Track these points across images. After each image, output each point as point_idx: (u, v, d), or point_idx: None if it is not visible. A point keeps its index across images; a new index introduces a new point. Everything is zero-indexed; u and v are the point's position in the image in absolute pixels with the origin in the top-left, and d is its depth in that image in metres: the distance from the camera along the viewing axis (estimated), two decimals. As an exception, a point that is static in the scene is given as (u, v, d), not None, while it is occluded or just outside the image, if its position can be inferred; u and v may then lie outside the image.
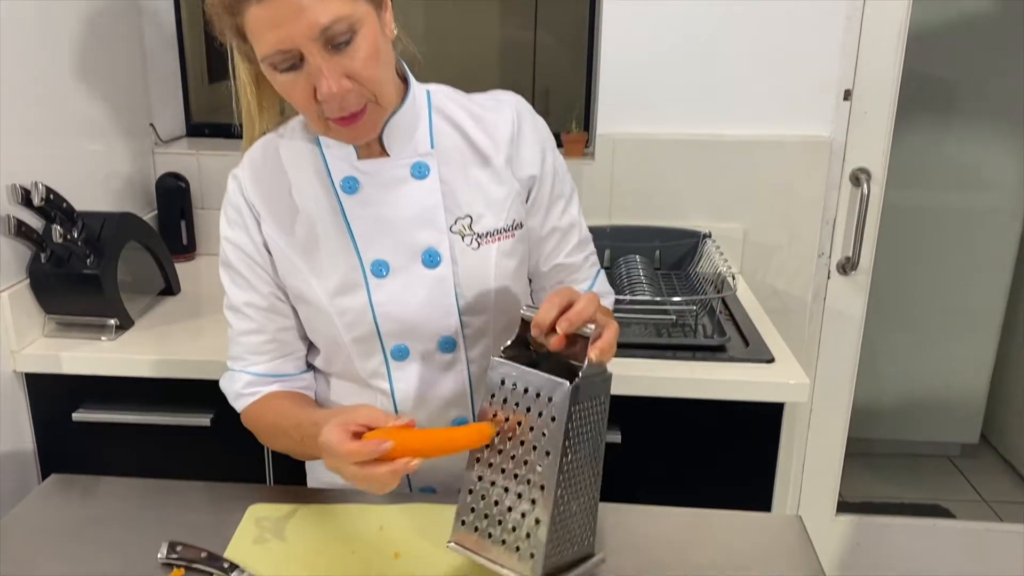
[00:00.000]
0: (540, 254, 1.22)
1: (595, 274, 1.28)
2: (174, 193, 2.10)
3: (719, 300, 1.84)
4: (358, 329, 1.13)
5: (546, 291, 1.26)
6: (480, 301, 1.15)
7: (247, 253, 1.15)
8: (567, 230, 1.22)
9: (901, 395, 2.94)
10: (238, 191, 1.15)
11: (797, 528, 1.15)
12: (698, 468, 1.65)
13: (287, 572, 1.04)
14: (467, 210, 1.13)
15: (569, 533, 0.97)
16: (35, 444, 1.70)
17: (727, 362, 1.62)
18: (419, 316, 1.13)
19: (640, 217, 2.12)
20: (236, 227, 1.15)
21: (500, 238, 1.14)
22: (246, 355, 1.19)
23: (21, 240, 1.60)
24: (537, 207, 1.19)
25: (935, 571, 2.39)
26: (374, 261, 1.12)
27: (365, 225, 1.12)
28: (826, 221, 2.12)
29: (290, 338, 1.19)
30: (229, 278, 1.18)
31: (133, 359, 1.62)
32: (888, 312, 2.73)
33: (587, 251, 1.27)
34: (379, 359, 1.16)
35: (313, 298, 1.13)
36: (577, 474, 0.96)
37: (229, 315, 1.19)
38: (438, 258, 1.12)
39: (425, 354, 1.16)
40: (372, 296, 1.12)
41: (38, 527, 1.15)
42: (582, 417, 0.95)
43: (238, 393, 1.20)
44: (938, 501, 2.75)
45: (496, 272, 1.15)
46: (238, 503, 1.17)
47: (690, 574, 0.92)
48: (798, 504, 2.32)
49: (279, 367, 1.19)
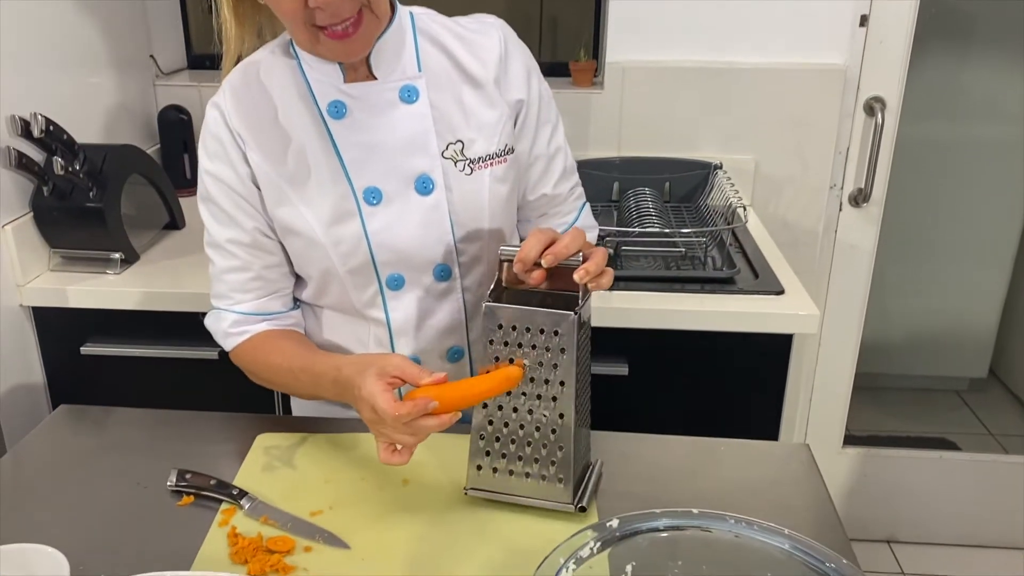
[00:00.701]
0: (527, 182, 1.20)
1: (580, 207, 1.26)
2: (176, 126, 2.07)
3: (729, 232, 1.82)
4: (353, 260, 1.11)
5: (531, 223, 1.23)
6: (474, 228, 1.13)
7: (230, 186, 1.11)
8: (553, 157, 1.20)
9: (910, 329, 2.93)
10: (220, 120, 1.09)
11: (804, 456, 1.15)
12: (706, 400, 1.65)
13: (296, 499, 1.05)
14: (458, 135, 1.11)
15: (582, 450, 1.01)
16: (45, 377, 1.70)
17: (736, 294, 1.61)
18: (414, 244, 1.11)
19: (650, 148, 2.08)
20: (217, 159, 1.10)
21: (493, 163, 1.12)
22: (231, 293, 1.16)
23: (22, 173, 1.58)
24: (524, 133, 1.16)
25: (941, 502, 2.42)
26: (366, 188, 1.09)
27: (355, 152, 1.09)
28: (839, 152, 2.09)
29: (276, 275, 1.16)
30: (210, 213, 1.14)
31: (139, 293, 1.62)
32: (899, 245, 2.70)
33: (572, 181, 1.24)
34: (374, 289, 1.14)
35: (305, 229, 1.10)
36: (583, 395, 1.00)
37: (211, 252, 1.16)
38: (431, 185, 1.10)
39: (420, 283, 1.14)
40: (366, 225, 1.10)
41: (49, 456, 1.16)
42: (582, 342, 0.97)
43: (225, 332, 1.17)
44: (945, 435, 2.76)
45: (490, 198, 1.13)
46: (247, 433, 1.18)
47: (697, 502, 0.92)
48: (805, 436, 2.33)
49: (266, 305, 1.17)
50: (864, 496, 2.43)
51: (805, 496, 1.08)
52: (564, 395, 0.96)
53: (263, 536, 0.98)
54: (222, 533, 0.99)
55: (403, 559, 0.96)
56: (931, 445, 2.60)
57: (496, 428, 1.00)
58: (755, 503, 1.03)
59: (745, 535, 0.84)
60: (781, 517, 0.87)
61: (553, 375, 0.96)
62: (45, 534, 0.91)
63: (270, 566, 0.93)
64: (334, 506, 1.04)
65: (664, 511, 0.86)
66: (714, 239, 1.78)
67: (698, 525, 0.85)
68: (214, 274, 1.17)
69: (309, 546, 0.97)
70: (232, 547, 0.96)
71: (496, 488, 1.02)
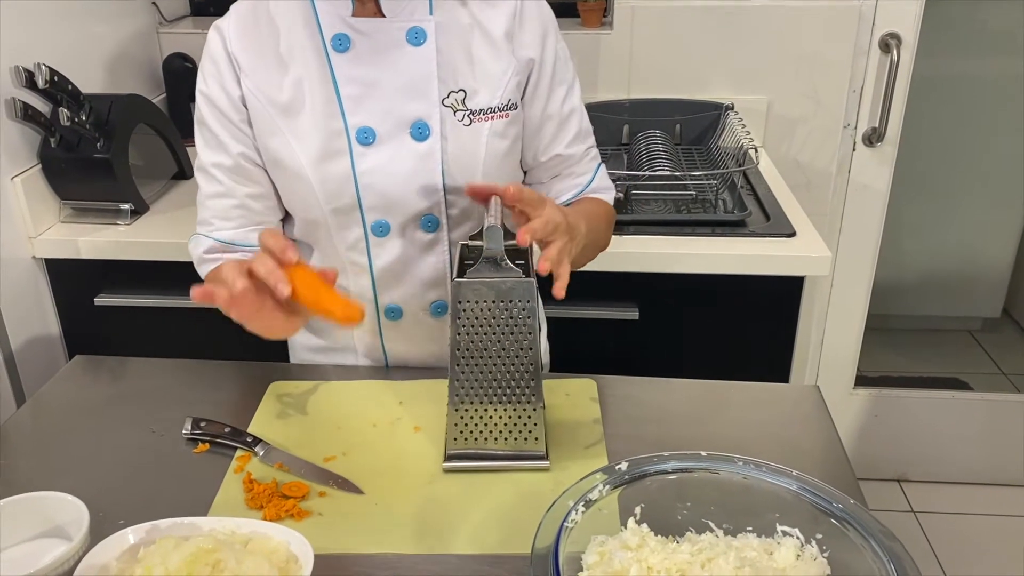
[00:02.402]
0: (539, 143, 1.17)
1: (595, 168, 1.23)
2: (181, 74, 2.05)
3: (740, 174, 1.81)
4: (338, 200, 1.10)
5: (544, 186, 1.22)
6: (467, 181, 1.10)
7: (219, 108, 1.09)
8: (566, 118, 1.17)
9: (923, 270, 2.91)
10: (220, 43, 1.08)
11: (814, 397, 1.16)
12: (717, 344, 1.65)
13: (309, 446, 1.06)
14: (462, 84, 1.09)
15: (484, 425, 1.03)
16: (60, 329, 1.72)
17: (747, 237, 1.60)
18: (403, 191, 1.10)
19: (660, 90, 2.05)
20: (211, 80, 1.09)
21: (493, 117, 1.10)
22: (212, 219, 1.15)
23: (29, 124, 1.58)
24: (537, 94, 1.14)
25: (952, 442, 2.43)
26: (360, 128, 1.07)
27: (354, 88, 1.07)
28: (853, 90, 2.05)
29: (260, 207, 1.15)
30: (201, 137, 1.12)
31: (150, 243, 1.63)
32: (913, 185, 2.67)
33: (588, 143, 1.22)
34: (358, 233, 1.13)
35: (292, 163, 1.09)
36: (487, 371, 1.00)
37: (199, 176, 1.15)
38: (427, 131, 1.08)
39: (407, 232, 1.13)
40: (356, 165, 1.08)
41: (66, 406, 1.18)
42: (482, 316, 0.97)
43: (200, 258, 1.17)
44: (957, 375, 2.76)
45: (486, 152, 1.11)
46: (259, 381, 1.19)
47: (706, 444, 0.93)
48: (816, 379, 2.34)
49: (245, 236, 1.15)
50: (875, 436, 2.44)
51: (814, 437, 1.09)
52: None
53: (278, 482, 0.99)
54: (237, 479, 1.01)
55: (416, 503, 0.97)
56: (943, 385, 2.61)
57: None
58: (764, 445, 1.04)
59: (753, 477, 0.84)
60: (790, 459, 0.88)
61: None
62: (64, 482, 0.92)
63: (285, 511, 0.95)
64: (347, 452, 1.05)
65: (673, 454, 0.87)
66: (725, 181, 1.77)
67: (706, 467, 0.86)
68: (199, 199, 1.16)
69: (323, 491, 0.99)
70: (248, 493, 0.98)
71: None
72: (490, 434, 1.01)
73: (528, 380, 1.00)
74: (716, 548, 0.81)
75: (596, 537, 0.81)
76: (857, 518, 0.79)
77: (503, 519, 0.94)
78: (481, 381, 0.99)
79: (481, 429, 1.01)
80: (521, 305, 0.96)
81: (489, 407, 1.01)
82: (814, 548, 0.81)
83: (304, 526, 0.93)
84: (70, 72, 1.60)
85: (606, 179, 1.26)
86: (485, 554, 0.90)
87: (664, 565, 0.78)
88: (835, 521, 0.80)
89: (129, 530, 0.86)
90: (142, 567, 0.82)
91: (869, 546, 0.76)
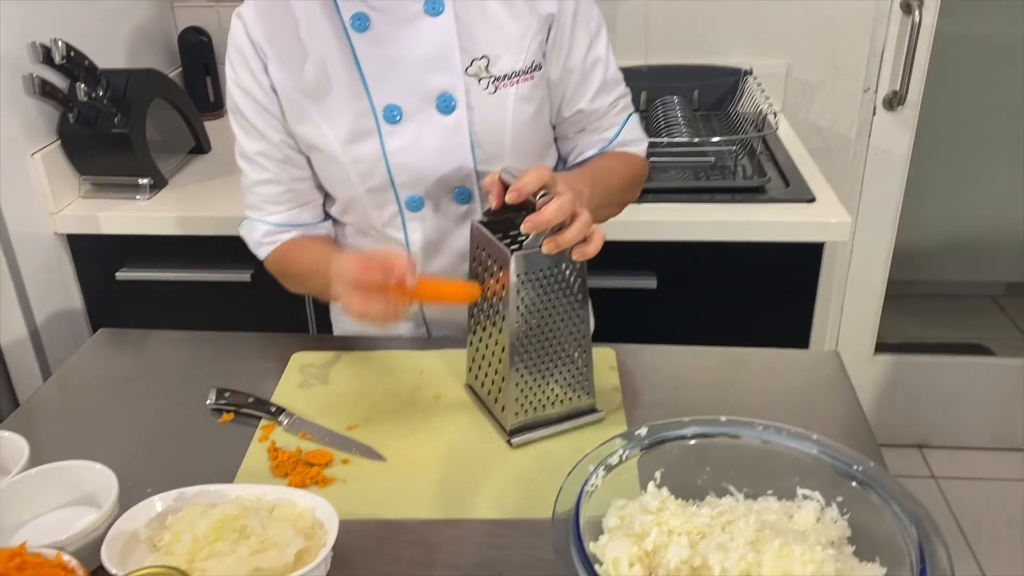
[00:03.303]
0: (561, 97, 1.15)
1: (623, 120, 1.20)
2: (197, 48, 2.05)
3: (759, 140, 1.79)
4: (371, 180, 1.11)
5: (569, 139, 1.20)
6: (497, 149, 1.10)
7: (255, 98, 1.10)
8: (590, 70, 1.13)
9: (945, 234, 2.88)
10: (242, 31, 1.08)
11: (834, 363, 1.15)
12: (736, 312, 1.65)
13: (332, 415, 1.07)
14: (484, 50, 1.07)
15: (544, 393, 1.01)
16: (83, 303, 1.74)
17: (767, 203, 1.59)
18: (433, 166, 1.10)
19: (677, 56, 2.03)
20: (242, 70, 1.10)
21: (518, 81, 1.09)
22: (263, 205, 1.17)
23: (47, 100, 1.58)
24: (558, 47, 1.11)
25: (973, 407, 2.41)
26: (386, 106, 1.07)
27: (376, 66, 1.06)
28: (873, 54, 2.02)
29: (306, 188, 1.17)
30: (239, 125, 1.14)
31: (170, 217, 1.64)
32: (935, 149, 2.63)
33: (614, 94, 1.18)
34: (393, 209, 1.14)
35: (325, 146, 1.10)
36: (544, 338, 0.98)
37: (242, 163, 1.16)
38: (453, 103, 1.07)
39: (440, 205, 1.13)
40: (385, 144, 1.08)
41: (91, 378, 1.20)
42: (538, 284, 0.95)
43: (258, 242, 1.20)
44: (979, 340, 2.74)
45: (514, 118, 1.10)
46: (282, 352, 1.20)
47: (726, 411, 0.93)
48: (836, 345, 2.33)
49: (297, 216, 1.18)
50: (895, 403, 2.44)
51: (834, 403, 1.08)
52: (505, 328, 0.96)
53: (302, 450, 1.01)
54: (262, 448, 1.02)
55: (437, 469, 0.98)
56: (964, 351, 2.58)
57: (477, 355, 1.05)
58: (784, 411, 1.04)
59: (773, 441, 0.84)
60: (810, 424, 0.88)
61: (498, 307, 0.97)
62: (92, 452, 0.94)
63: (310, 478, 0.96)
64: (369, 420, 1.06)
65: (692, 419, 0.87)
66: (744, 147, 1.75)
67: (726, 432, 0.86)
68: (246, 184, 1.18)
69: (347, 459, 1.00)
70: (273, 461, 0.99)
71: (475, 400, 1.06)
72: (546, 399, 1.02)
73: (580, 338, 1.00)
74: (736, 511, 0.81)
75: (616, 501, 0.81)
76: (878, 480, 0.79)
77: (524, 484, 0.95)
78: (538, 349, 0.98)
79: (539, 396, 1.01)
80: (573, 264, 0.95)
81: (545, 373, 1.00)
82: (834, 511, 0.81)
83: (328, 493, 0.94)
84: (86, 47, 1.60)
85: (636, 130, 1.22)
86: (506, 519, 0.91)
87: (684, 528, 0.78)
88: (856, 484, 0.80)
89: (157, 498, 0.88)
90: (170, 533, 0.83)
91: (890, 508, 0.76)
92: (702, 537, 0.77)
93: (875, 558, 0.75)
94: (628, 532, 0.77)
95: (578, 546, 0.72)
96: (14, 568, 0.76)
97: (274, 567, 0.80)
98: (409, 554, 0.87)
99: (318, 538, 0.84)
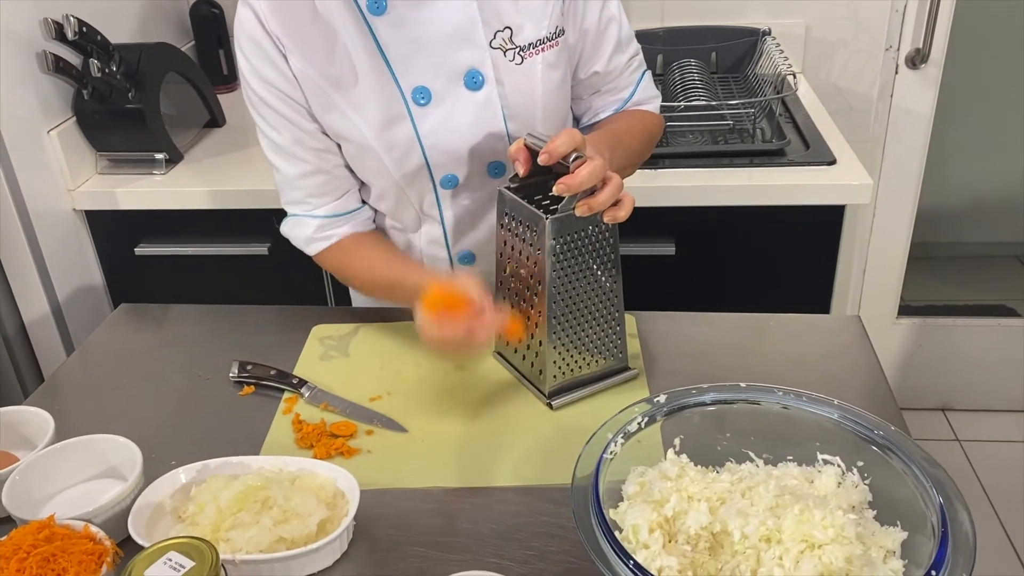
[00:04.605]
0: (577, 60, 1.14)
1: (638, 79, 1.19)
2: (209, 22, 2.04)
3: (779, 102, 1.76)
4: (407, 164, 1.09)
5: (583, 100, 1.19)
6: (528, 120, 1.09)
7: (279, 88, 1.05)
8: (604, 30, 1.12)
9: (969, 195, 2.84)
10: (255, 22, 1.03)
11: (855, 328, 1.14)
12: (756, 278, 1.63)
13: (354, 387, 1.08)
14: (506, 21, 1.05)
15: (580, 355, 1.03)
16: (103, 279, 1.75)
17: (786, 166, 1.57)
18: (468, 144, 1.08)
19: (694, 17, 2.00)
20: (259, 61, 1.04)
21: (543, 49, 1.07)
22: (307, 199, 1.13)
23: (61, 76, 1.58)
24: (573, 10, 1.09)
25: (997, 369, 2.39)
26: (415, 88, 1.05)
27: (400, 49, 1.04)
28: (895, 10, 1.98)
29: (345, 174, 1.14)
30: (264, 119, 1.09)
31: (187, 192, 1.64)
32: (959, 108, 2.58)
33: (628, 53, 1.16)
34: (428, 188, 1.13)
35: (356, 135, 1.07)
36: (579, 300, 1.00)
37: (276, 158, 1.11)
38: (481, 79, 1.06)
39: (475, 181, 1.12)
40: (418, 127, 1.07)
41: (113, 352, 1.21)
42: (572, 247, 0.96)
43: (309, 238, 1.15)
44: (1004, 302, 2.70)
45: (543, 88, 1.08)
46: (302, 324, 1.21)
47: (746, 377, 0.93)
48: (858, 309, 2.31)
49: (344, 204, 1.15)
50: (919, 366, 2.42)
51: (856, 368, 1.08)
52: (541, 291, 0.97)
53: (326, 422, 1.01)
54: (287, 420, 1.03)
55: (459, 440, 0.99)
56: (988, 313, 2.55)
57: None
58: (805, 376, 1.04)
59: (793, 407, 0.84)
60: (832, 390, 0.87)
61: (534, 272, 0.98)
62: (116, 426, 0.95)
63: (335, 449, 0.97)
64: (391, 392, 1.07)
65: (712, 385, 0.86)
66: (763, 110, 1.73)
67: (746, 398, 0.86)
68: (284, 181, 1.13)
69: (370, 430, 1.01)
70: (297, 433, 1.00)
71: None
72: (583, 360, 1.03)
73: (613, 298, 1.01)
74: (756, 477, 0.81)
75: (636, 468, 0.82)
76: (899, 445, 0.79)
77: (544, 452, 0.96)
78: (574, 311, 0.99)
79: (576, 358, 1.02)
80: (605, 227, 0.97)
81: (581, 335, 1.01)
82: (855, 476, 0.81)
83: (353, 463, 0.95)
84: (98, 23, 1.60)
85: (650, 88, 1.21)
86: (526, 486, 0.91)
87: (704, 494, 0.78)
88: (876, 448, 0.80)
89: (181, 470, 0.89)
90: (195, 504, 0.84)
91: (911, 472, 0.76)
92: (722, 503, 0.77)
93: (896, 522, 0.75)
94: (648, 499, 0.77)
95: (598, 513, 0.72)
96: (43, 539, 0.78)
97: (297, 537, 0.81)
98: (431, 523, 0.88)
99: (340, 508, 0.85)
